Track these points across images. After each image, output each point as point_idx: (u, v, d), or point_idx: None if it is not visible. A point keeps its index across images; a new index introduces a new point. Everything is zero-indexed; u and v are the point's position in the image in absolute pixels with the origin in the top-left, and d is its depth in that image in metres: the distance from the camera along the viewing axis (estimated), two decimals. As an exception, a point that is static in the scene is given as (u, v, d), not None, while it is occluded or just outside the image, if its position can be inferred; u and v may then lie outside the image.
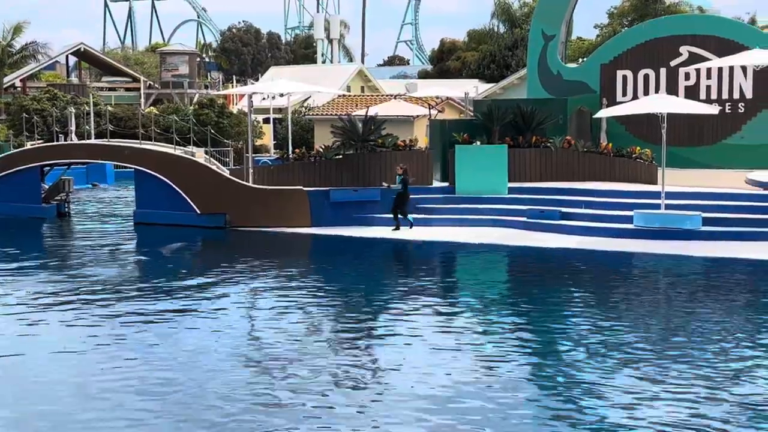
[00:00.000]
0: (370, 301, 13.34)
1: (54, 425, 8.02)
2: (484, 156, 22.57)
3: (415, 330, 11.18)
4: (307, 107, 42.65)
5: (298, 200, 22.29)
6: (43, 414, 8.33)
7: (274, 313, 12.43)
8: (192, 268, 16.96)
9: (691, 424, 7.81)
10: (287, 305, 12.89)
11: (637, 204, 20.27)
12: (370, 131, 22.84)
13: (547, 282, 15.11)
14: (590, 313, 12.23)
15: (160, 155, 23.61)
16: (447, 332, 10.98)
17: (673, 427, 7.76)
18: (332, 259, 18.14)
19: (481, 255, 18.57)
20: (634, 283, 15.10)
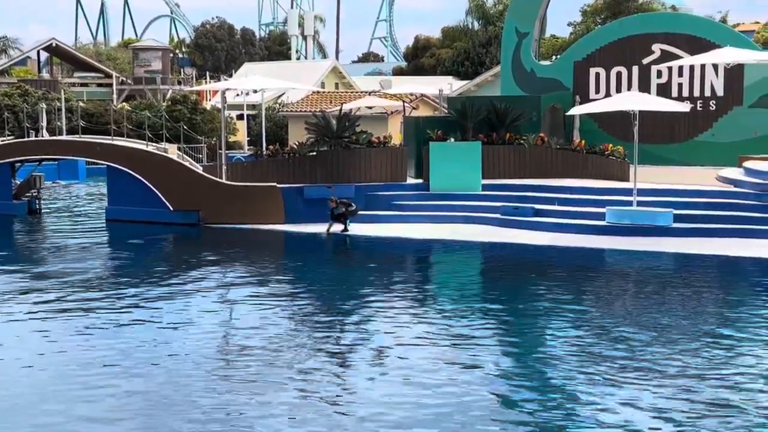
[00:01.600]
0: (342, 301, 13.28)
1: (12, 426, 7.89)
2: (458, 153, 22.61)
3: (387, 333, 11.12)
4: (280, 104, 42.53)
5: (271, 197, 22.22)
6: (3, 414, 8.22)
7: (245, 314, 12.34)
8: (162, 265, 16.83)
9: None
10: (258, 305, 12.80)
11: (610, 201, 20.40)
12: (344, 128, 22.80)
13: (519, 278, 15.17)
14: (559, 311, 12.27)
15: (133, 151, 23.45)
16: (419, 339, 10.82)
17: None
18: (305, 256, 18.10)
19: (454, 251, 18.59)
20: (605, 279, 15.19)
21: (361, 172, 22.73)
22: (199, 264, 16.72)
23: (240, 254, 17.99)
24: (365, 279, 15.20)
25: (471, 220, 21.36)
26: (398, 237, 20.12)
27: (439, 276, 16.31)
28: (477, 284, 15.12)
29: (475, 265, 17.77)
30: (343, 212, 20.71)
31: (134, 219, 22.59)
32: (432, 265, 17.99)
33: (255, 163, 23.29)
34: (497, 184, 22.65)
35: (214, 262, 17.01)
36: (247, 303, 13.05)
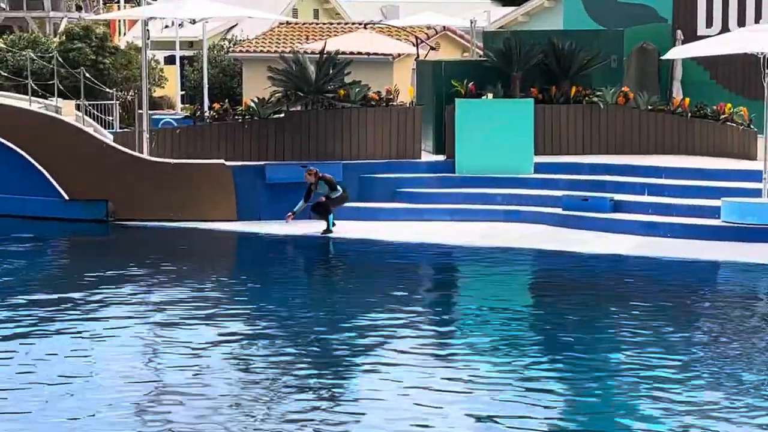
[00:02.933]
0: (325, 354, 13.23)
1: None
2: (498, 116, 22.57)
3: (374, 393, 11.12)
4: (231, 40, 42.49)
5: (217, 180, 22.21)
6: None
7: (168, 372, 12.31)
8: (32, 287, 16.78)
9: None
10: (188, 355, 12.72)
11: (727, 189, 20.39)
12: (327, 77, 22.78)
13: (591, 309, 15.12)
14: (658, 381, 12.17)
15: (8, 112, 23.42)
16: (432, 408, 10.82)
17: None
18: (265, 273, 18.06)
19: (490, 264, 18.54)
20: (722, 311, 15.14)
21: (352, 143, 22.69)
22: (97, 286, 16.64)
23: (165, 269, 17.87)
24: (356, 313, 15.16)
25: (518, 217, 21.33)
26: (407, 242, 20.06)
27: (468, 307, 16.22)
28: (526, 324, 15.01)
29: (522, 288, 17.72)
30: (324, 200, 20.65)
31: (8, 213, 22.56)
32: (458, 288, 17.96)
33: (193, 130, 23.25)
34: (558, 164, 22.62)
35: (123, 281, 16.97)
36: (170, 350, 12.97)
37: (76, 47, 36.63)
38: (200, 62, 33.12)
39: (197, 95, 33.24)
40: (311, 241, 20.47)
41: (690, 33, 26.01)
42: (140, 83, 26.33)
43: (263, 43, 37.84)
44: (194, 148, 22.72)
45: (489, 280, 17.84)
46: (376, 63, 32.82)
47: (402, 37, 34.20)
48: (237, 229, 21.54)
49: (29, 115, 23.38)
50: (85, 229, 21.70)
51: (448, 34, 37.59)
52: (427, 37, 33.86)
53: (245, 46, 38.64)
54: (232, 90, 37.10)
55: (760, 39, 19.95)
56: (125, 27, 49.62)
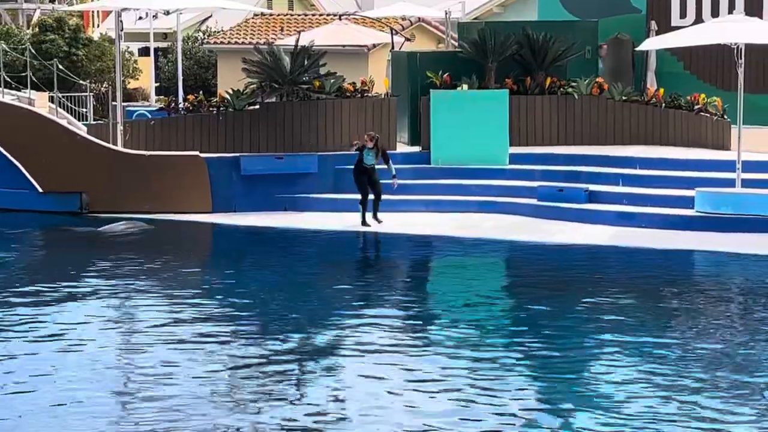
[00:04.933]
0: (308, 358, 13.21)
1: None
2: (473, 106, 22.61)
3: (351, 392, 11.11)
4: (205, 32, 42.41)
5: (191, 172, 22.20)
6: None
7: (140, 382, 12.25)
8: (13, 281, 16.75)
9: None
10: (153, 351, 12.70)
11: (701, 179, 20.49)
12: (301, 68, 22.78)
13: (566, 299, 15.19)
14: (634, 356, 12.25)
15: (-19, 103, 23.41)
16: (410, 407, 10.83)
17: None
18: (239, 266, 18.06)
19: (467, 256, 18.60)
20: (697, 299, 15.23)
21: (326, 135, 22.71)
22: (74, 279, 16.60)
23: (139, 264, 17.77)
24: (329, 304, 15.16)
25: (493, 208, 21.42)
26: (382, 233, 20.16)
27: (443, 297, 16.28)
28: (502, 314, 15.08)
29: (498, 278, 17.77)
30: (370, 182, 20.57)
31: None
32: (433, 279, 18.00)
33: (167, 122, 23.21)
34: (533, 155, 22.69)
35: (97, 275, 16.96)
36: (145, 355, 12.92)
37: (49, 39, 36.45)
38: (174, 54, 33.02)
39: (172, 87, 33.16)
40: (281, 232, 20.49)
41: (664, 24, 26.07)
42: (114, 75, 26.25)
43: (238, 34, 37.75)
44: (169, 140, 22.69)
45: (464, 270, 17.87)
46: (351, 54, 32.80)
47: (377, 28, 34.17)
48: (211, 220, 21.54)
49: (2, 108, 23.28)
50: (60, 220, 21.64)
51: (423, 25, 37.59)
52: (402, 28, 33.84)
53: (220, 38, 38.54)
54: (206, 81, 37.01)
55: (733, 30, 20.03)
56: (99, 18, 49.41)
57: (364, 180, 20.65)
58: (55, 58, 30.32)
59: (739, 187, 19.65)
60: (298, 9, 51.37)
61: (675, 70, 26.10)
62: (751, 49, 20.58)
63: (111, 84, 30.48)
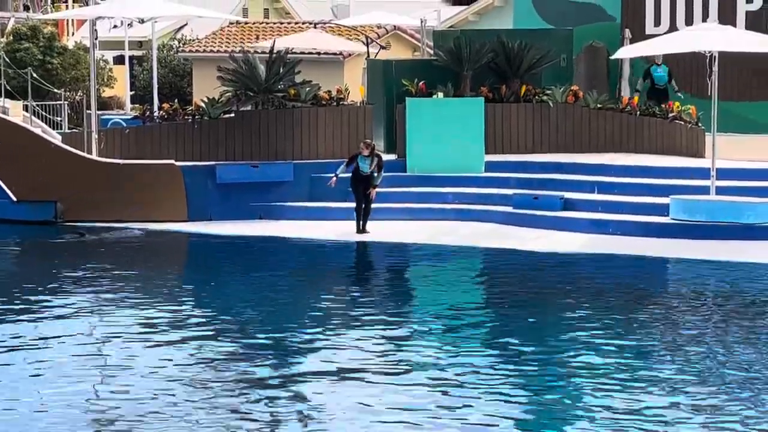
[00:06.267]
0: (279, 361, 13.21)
1: None
2: (449, 115, 22.66)
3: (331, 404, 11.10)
4: (181, 40, 42.35)
5: (167, 181, 22.15)
6: None
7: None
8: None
9: None
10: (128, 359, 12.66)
11: (675, 187, 20.56)
12: (277, 77, 22.77)
13: (542, 307, 15.23)
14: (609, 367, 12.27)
15: (-45, 112, 23.35)
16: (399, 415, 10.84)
17: None
18: (214, 274, 18.02)
19: (442, 264, 18.62)
20: (671, 307, 15.28)
21: (302, 143, 22.70)
22: (42, 291, 16.48)
23: (111, 275, 17.67)
24: (303, 314, 15.15)
25: (468, 216, 21.46)
26: (357, 241, 20.17)
27: (418, 306, 16.27)
28: (478, 322, 15.09)
29: (473, 286, 17.79)
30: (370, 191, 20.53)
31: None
32: (408, 287, 18.00)
33: (142, 130, 23.17)
34: (508, 162, 22.74)
35: (69, 283, 16.89)
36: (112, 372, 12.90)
37: (23, 47, 36.32)
38: (150, 62, 32.94)
39: (147, 95, 33.05)
40: (256, 240, 20.48)
41: (638, 32, 26.21)
42: (89, 83, 26.19)
43: (213, 42, 37.72)
44: (144, 148, 22.64)
45: (439, 278, 17.88)
46: (327, 62, 32.83)
47: (353, 36, 34.20)
48: (186, 229, 21.50)
49: (-24, 116, 23.23)
50: (34, 230, 21.56)
51: (399, 33, 37.62)
52: (377, 37, 33.87)
53: (195, 46, 38.50)
54: (182, 90, 36.96)
55: (707, 38, 20.13)
56: (74, 27, 49.26)
57: (359, 188, 20.60)
58: (29, 67, 30.23)
59: (714, 194, 19.73)
60: (273, 17, 51.34)
61: (649, 78, 26.19)
62: (725, 57, 20.67)
63: (85, 92, 30.38)
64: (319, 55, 32.38)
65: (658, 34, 24.92)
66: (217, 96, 23.25)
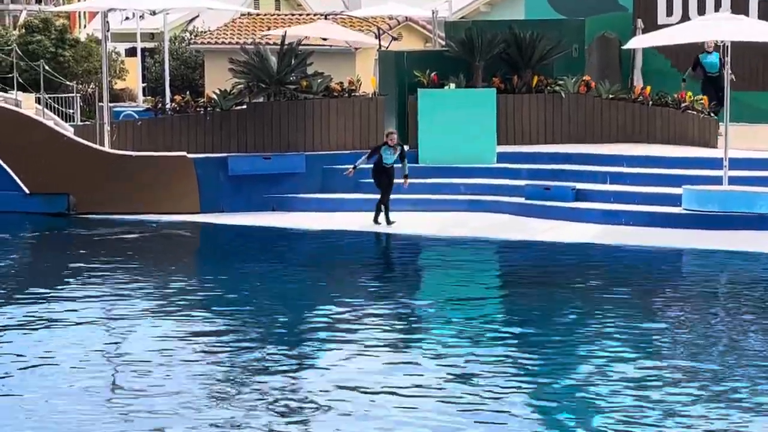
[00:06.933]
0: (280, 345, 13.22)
1: None
2: (461, 106, 22.64)
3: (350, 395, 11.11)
4: (192, 32, 42.39)
5: (179, 173, 22.18)
6: None
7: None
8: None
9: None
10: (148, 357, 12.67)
11: (688, 177, 20.52)
12: (288, 68, 22.77)
13: (554, 299, 15.21)
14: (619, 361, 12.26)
15: (-33, 105, 23.38)
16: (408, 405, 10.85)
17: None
18: (227, 266, 18.04)
19: (454, 255, 18.60)
20: (685, 299, 15.26)
21: (314, 134, 22.71)
22: (55, 280, 16.54)
23: (126, 268, 17.69)
24: (317, 304, 15.16)
25: (480, 207, 21.44)
26: (369, 231, 20.19)
27: (431, 297, 16.27)
28: (490, 312, 15.10)
29: (485, 277, 17.79)
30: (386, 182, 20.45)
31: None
32: (420, 279, 18.01)
33: (154, 123, 23.21)
34: (519, 153, 22.73)
35: (82, 276, 16.91)
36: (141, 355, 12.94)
37: (35, 40, 36.43)
38: (161, 54, 32.94)
39: (159, 87, 33.11)
40: (272, 232, 20.50)
41: (650, 22, 26.15)
42: (101, 76, 26.23)
43: (224, 34, 37.77)
44: (156, 140, 22.67)
45: (452, 270, 17.87)
46: (339, 54, 32.83)
47: (364, 27, 34.19)
48: (199, 220, 21.56)
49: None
50: (46, 222, 21.63)
51: (411, 24, 37.64)
52: (389, 28, 33.86)
53: (206, 38, 38.56)
54: (193, 82, 37.04)
55: (720, 27, 20.09)
56: (85, 19, 49.37)
57: (383, 179, 20.56)
58: (41, 59, 30.33)
59: (726, 184, 19.69)
60: (285, 9, 51.36)
61: (662, 68, 26.17)
62: (738, 46, 20.61)
63: (98, 85, 30.47)
64: (330, 47, 32.37)
65: (670, 24, 24.86)
66: (228, 88, 23.28)
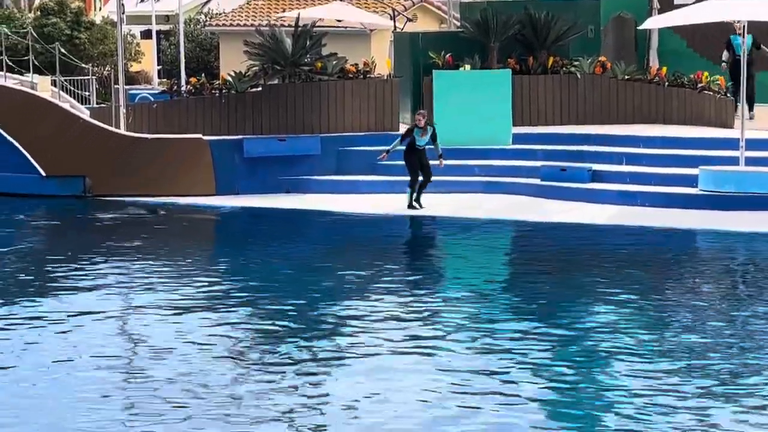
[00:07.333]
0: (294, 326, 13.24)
1: None
2: (476, 87, 22.58)
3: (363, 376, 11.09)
4: (207, 14, 42.35)
5: (194, 155, 22.20)
6: None
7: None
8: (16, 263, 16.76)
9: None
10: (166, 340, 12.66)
11: (704, 158, 20.45)
12: (303, 50, 22.75)
13: (569, 281, 15.19)
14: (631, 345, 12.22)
15: (-17, 88, 23.39)
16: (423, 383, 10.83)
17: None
18: (242, 249, 18.04)
19: (470, 237, 18.60)
20: (701, 280, 15.23)
21: (330, 116, 22.69)
22: (72, 263, 16.55)
23: (142, 251, 17.71)
24: (337, 286, 15.18)
25: (496, 188, 21.43)
26: (384, 214, 20.18)
27: (449, 279, 16.29)
28: (507, 292, 15.09)
29: (502, 258, 17.79)
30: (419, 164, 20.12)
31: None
32: (438, 260, 18.01)
33: (170, 105, 23.24)
34: (535, 134, 22.69)
35: (100, 258, 16.95)
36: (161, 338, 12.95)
37: (51, 22, 36.41)
38: (177, 36, 32.96)
39: (174, 70, 33.14)
40: (283, 213, 20.53)
41: (666, 2, 26.00)
42: (116, 58, 26.25)
43: (239, 16, 37.68)
44: (171, 122, 22.70)
45: (469, 251, 17.87)
46: (353, 35, 32.73)
47: (379, 9, 34.09)
48: (214, 203, 21.58)
49: (5, 92, 23.31)
50: (63, 204, 21.68)
51: (425, 5, 37.48)
52: (404, 9, 33.75)
53: (221, 20, 38.47)
54: (209, 64, 36.96)
55: (736, 7, 19.98)
56: (101, 1, 49.34)
57: (414, 161, 20.29)
58: (57, 42, 30.34)
59: (743, 165, 19.63)
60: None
61: (678, 49, 26.06)
62: (756, 26, 20.51)
63: (113, 67, 30.46)
64: (345, 28, 32.30)
65: (686, 4, 24.72)
66: (244, 70, 23.27)
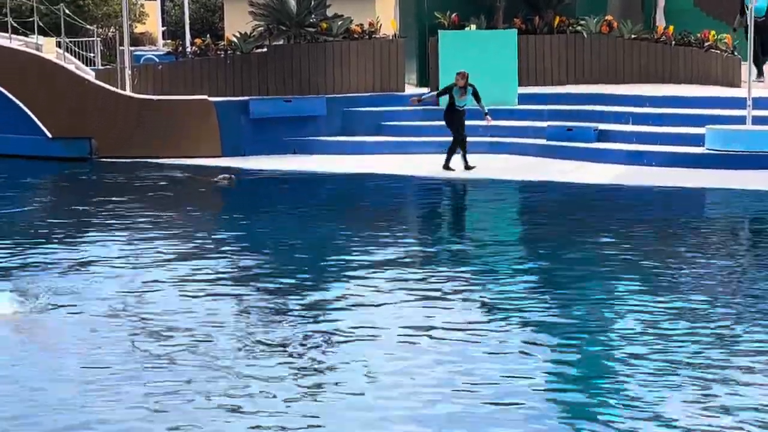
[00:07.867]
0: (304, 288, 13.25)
1: None
2: (482, 47, 22.59)
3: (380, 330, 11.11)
4: (212, -25, 42.24)
5: (200, 116, 22.22)
6: None
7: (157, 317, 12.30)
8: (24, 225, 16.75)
9: None
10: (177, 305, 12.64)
11: (711, 117, 20.44)
12: (308, 10, 22.70)
13: (574, 239, 15.16)
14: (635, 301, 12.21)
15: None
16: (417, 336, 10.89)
17: None
18: (251, 209, 18.01)
19: (476, 196, 18.59)
20: (708, 240, 15.20)
21: (335, 77, 22.70)
22: (78, 224, 16.57)
23: (149, 212, 17.66)
24: (340, 246, 15.16)
25: (502, 149, 21.48)
26: (390, 174, 20.19)
27: (454, 239, 16.29)
28: (513, 252, 15.09)
29: (508, 218, 17.78)
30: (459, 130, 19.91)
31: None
32: (443, 220, 18.00)
33: (175, 66, 23.26)
34: (542, 94, 22.70)
35: (107, 219, 16.97)
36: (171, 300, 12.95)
37: (55, -16, 36.34)
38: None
39: (179, 31, 33.07)
40: (290, 174, 20.53)
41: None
42: (121, 19, 26.21)
43: (244, -23, 37.55)
44: (177, 84, 22.73)
45: (475, 211, 17.89)
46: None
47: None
48: (220, 164, 21.58)
49: (10, 53, 23.33)
50: (69, 166, 21.72)
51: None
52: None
53: (226, -19, 38.36)
54: (213, 25, 37.01)
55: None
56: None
57: (454, 121, 20.04)
58: (61, 3, 30.25)
59: (750, 124, 19.61)
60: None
61: (684, 7, 26.05)
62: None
63: (118, 28, 30.38)
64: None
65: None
66: (248, 31, 23.25)
